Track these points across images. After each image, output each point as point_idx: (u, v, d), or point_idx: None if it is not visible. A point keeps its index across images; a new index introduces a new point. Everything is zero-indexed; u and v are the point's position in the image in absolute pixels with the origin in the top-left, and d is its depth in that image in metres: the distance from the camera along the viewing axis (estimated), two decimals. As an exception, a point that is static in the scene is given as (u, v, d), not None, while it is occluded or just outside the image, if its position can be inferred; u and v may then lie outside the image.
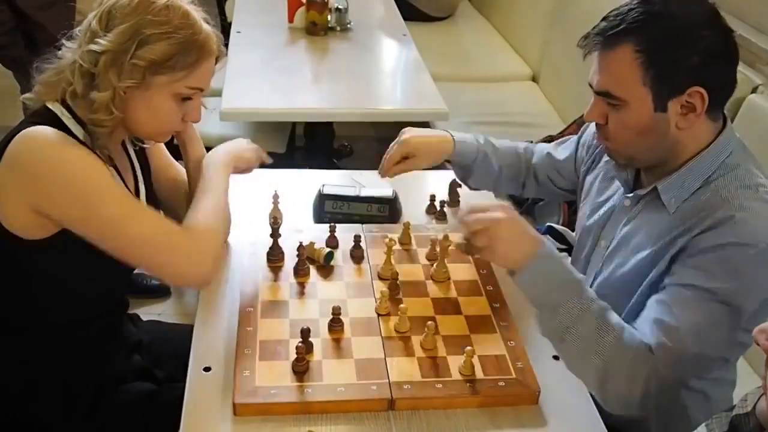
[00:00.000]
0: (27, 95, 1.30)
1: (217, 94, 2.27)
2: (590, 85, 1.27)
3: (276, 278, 1.44)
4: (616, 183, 1.41)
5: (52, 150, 1.18)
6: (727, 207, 1.19)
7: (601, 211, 1.43)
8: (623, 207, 1.37)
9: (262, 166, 1.62)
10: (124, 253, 1.24)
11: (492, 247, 1.20)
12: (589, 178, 1.52)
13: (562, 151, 1.64)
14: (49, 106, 1.25)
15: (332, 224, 1.55)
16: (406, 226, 1.57)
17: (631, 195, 1.35)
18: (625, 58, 1.19)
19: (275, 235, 1.48)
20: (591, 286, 1.41)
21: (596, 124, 1.30)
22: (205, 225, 1.32)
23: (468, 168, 1.63)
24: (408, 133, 1.61)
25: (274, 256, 1.47)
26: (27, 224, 1.21)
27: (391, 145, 1.61)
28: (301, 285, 1.43)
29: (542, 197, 2.04)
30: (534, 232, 1.24)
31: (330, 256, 1.47)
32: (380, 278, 1.46)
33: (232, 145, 1.53)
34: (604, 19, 1.24)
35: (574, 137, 1.63)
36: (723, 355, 1.25)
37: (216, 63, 1.32)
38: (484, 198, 1.78)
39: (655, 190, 1.29)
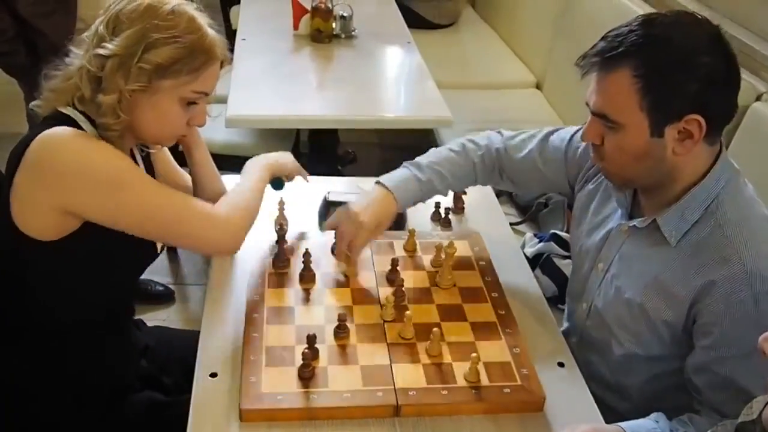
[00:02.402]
0: (36, 102, 1.31)
1: (223, 100, 2.28)
2: (587, 105, 1.25)
3: (282, 284, 1.44)
4: (614, 202, 1.39)
5: (74, 146, 1.20)
6: (731, 249, 1.18)
7: (599, 234, 1.40)
8: (621, 232, 1.35)
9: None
10: (157, 235, 1.29)
11: None
12: (582, 195, 1.49)
13: (551, 152, 1.55)
14: (62, 110, 1.27)
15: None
16: (412, 233, 1.57)
17: (630, 224, 1.32)
18: (622, 82, 1.17)
19: (281, 241, 1.48)
20: (590, 308, 1.41)
21: (592, 145, 1.28)
22: (234, 205, 1.36)
23: (418, 201, 1.57)
24: (361, 215, 1.45)
25: (281, 262, 1.48)
26: (47, 225, 1.22)
27: (340, 234, 1.47)
28: (307, 291, 1.43)
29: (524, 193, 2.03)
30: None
31: (278, 183, 1.56)
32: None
33: (276, 154, 1.57)
34: (603, 38, 1.21)
35: (565, 137, 1.54)
36: None
37: (221, 68, 1.33)
38: (486, 200, 1.78)
39: (654, 221, 1.27)
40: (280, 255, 1.48)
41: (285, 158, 1.59)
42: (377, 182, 1.53)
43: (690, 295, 1.22)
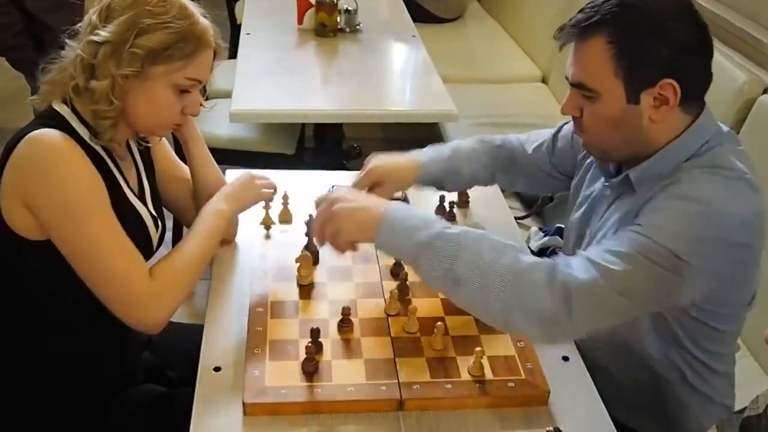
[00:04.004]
0: (33, 97, 1.32)
1: (227, 95, 2.28)
2: (566, 78, 1.28)
3: (285, 279, 1.44)
4: (601, 180, 1.41)
5: (54, 157, 1.20)
6: (676, 176, 1.21)
7: (586, 204, 1.44)
8: (603, 196, 1.38)
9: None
10: (86, 278, 1.24)
11: (338, 229, 1.21)
12: (575, 182, 1.52)
13: (562, 139, 1.60)
14: (55, 107, 1.27)
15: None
16: None
17: (608, 184, 1.36)
18: (597, 49, 1.21)
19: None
20: None
21: (573, 117, 1.31)
22: (173, 278, 1.30)
23: (438, 183, 1.62)
24: (374, 161, 1.57)
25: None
26: (27, 225, 1.22)
27: (358, 173, 1.59)
28: (310, 285, 1.43)
29: (541, 192, 2.05)
30: (373, 199, 1.25)
31: None
32: None
33: (233, 187, 1.47)
34: (580, 11, 1.26)
35: (548, 136, 1.60)
36: (651, 309, 1.25)
37: (215, 59, 1.34)
38: (491, 194, 1.78)
39: (627, 177, 1.29)
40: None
41: (244, 188, 1.47)
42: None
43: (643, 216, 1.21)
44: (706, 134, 1.25)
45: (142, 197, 1.39)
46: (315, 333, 1.25)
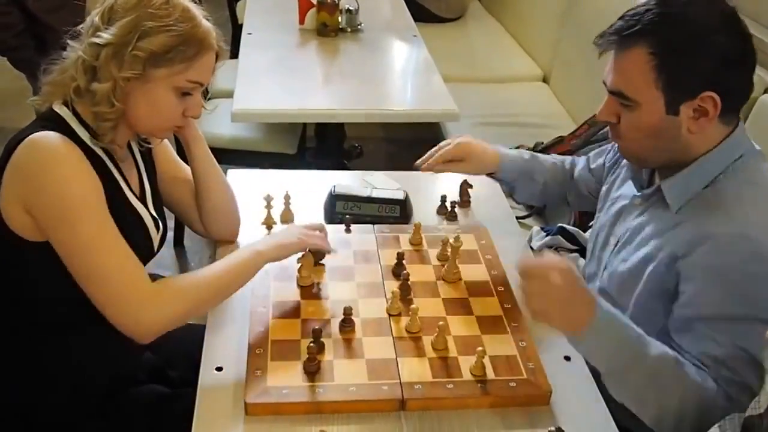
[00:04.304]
0: (34, 98, 1.32)
1: (229, 95, 2.28)
2: (604, 83, 1.27)
3: (287, 279, 1.44)
4: (629, 182, 1.41)
5: (52, 160, 1.20)
6: (728, 215, 1.18)
7: (613, 209, 1.44)
8: (633, 205, 1.38)
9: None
10: (80, 279, 1.23)
11: (547, 312, 1.14)
12: (605, 188, 1.53)
13: (597, 160, 1.66)
14: (55, 108, 1.27)
15: (347, 219, 1.57)
16: (417, 226, 1.57)
17: (639, 194, 1.36)
18: (638, 60, 1.19)
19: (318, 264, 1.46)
20: (597, 281, 1.43)
21: (609, 124, 1.30)
22: (179, 292, 1.26)
23: (511, 184, 1.70)
24: (463, 137, 1.65)
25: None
26: (25, 226, 1.23)
27: (442, 143, 1.65)
28: (311, 286, 1.43)
29: (586, 209, 1.97)
30: (589, 293, 1.15)
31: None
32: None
33: (280, 234, 1.43)
34: (620, 18, 1.24)
35: (608, 146, 1.63)
36: None
37: (217, 60, 1.33)
38: (493, 193, 1.78)
39: (659, 189, 1.29)
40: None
41: (287, 239, 1.39)
42: None
43: (677, 252, 1.22)
44: (741, 148, 1.25)
45: (143, 199, 1.39)
46: (317, 333, 1.25)
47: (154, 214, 1.40)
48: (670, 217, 1.27)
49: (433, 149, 1.66)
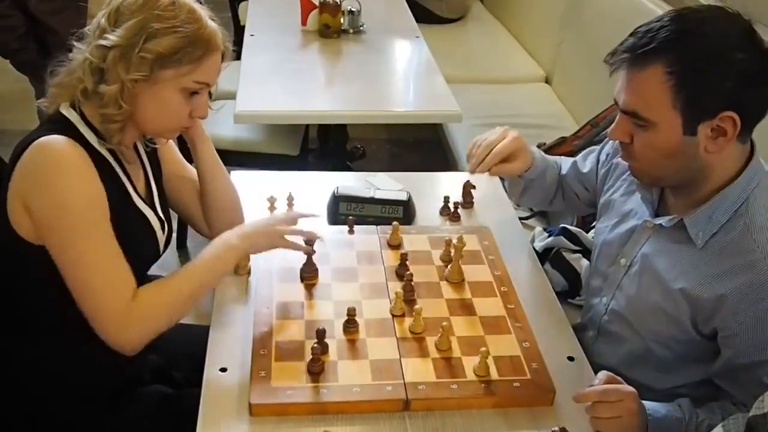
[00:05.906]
0: (42, 100, 1.33)
1: (232, 96, 2.29)
2: (615, 102, 1.22)
3: (291, 280, 1.44)
4: (638, 197, 1.37)
5: (57, 165, 1.20)
6: (758, 254, 1.16)
7: (623, 228, 1.39)
8: (646, 228, 1.33)
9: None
10: (70, 288, 1.24)
11: (600, 424, 1.16)
12: (608, 195, 1.49)
13: (586, 163, 1.61)
14: (63, 111, 1.28)
15: (350, 220, 1.57)
16: (396, 227, 1.55)
17: (658, 222, 1.30)
18: (654, 79, 1.14)
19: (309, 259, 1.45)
20: (609, 303, 1.41)
21: (621, 143, 1.26)
22: (155, 307, 1.27)
23: (528, 184, 1.62)
24: (514, 132, 1.53)
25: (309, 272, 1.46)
26: (28, 228, 1.23)
27: (482, 137, 1.54)
28: (313, 286, 1.43)
29: (566, 210, 1.98)
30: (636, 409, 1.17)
31: None
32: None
33: (253, 225, 1.41)
34: (632, 34, 1.18)
35: (597, 148, 1.60)
36: None
37: (223, 61, 1.34)
38: (496, 194, 1.78)
39: (680, 221, 1.25)
40: (308, 266, 1.46)
41: (262, 228, 1.39)
42: None
43: (713, 300, 1.20)
44: (758, 174, 1.21)
45: (149, 200, 1.39)
46: (321, 334, 1.25)
47: (161, 215, 1.41)
48: (697, 255, 1.23)
49: (476, 147, 1.53)
